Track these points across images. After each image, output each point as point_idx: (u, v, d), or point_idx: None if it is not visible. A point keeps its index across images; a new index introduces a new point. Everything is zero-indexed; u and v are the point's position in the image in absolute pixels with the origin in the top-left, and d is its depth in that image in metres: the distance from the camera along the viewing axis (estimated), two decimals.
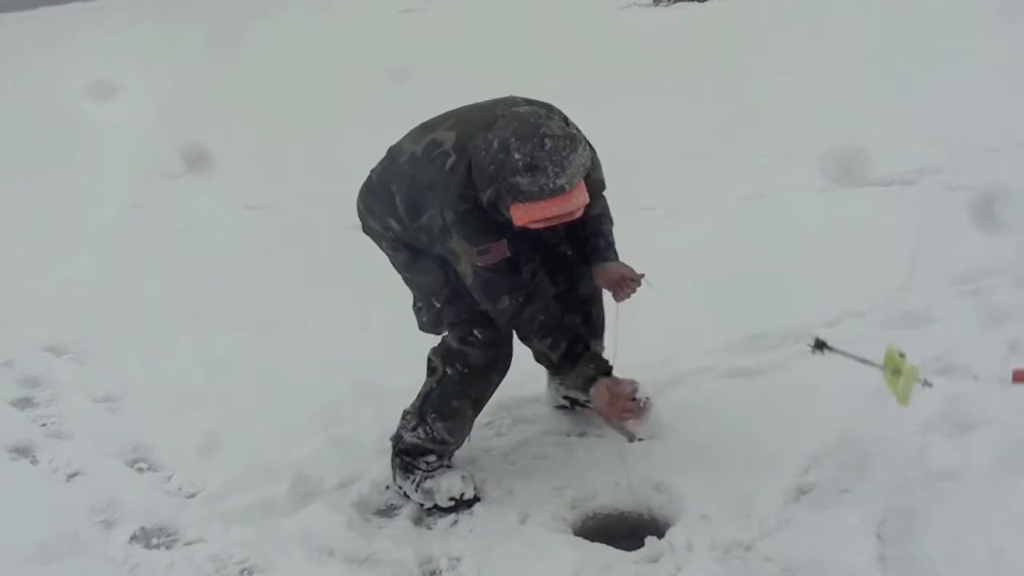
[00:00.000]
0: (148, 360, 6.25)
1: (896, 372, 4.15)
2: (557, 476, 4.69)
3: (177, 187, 9.46)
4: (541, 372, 5.09)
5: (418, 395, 4.71)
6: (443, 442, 4.66)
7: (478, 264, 4.18)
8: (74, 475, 5.26)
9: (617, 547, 4.20)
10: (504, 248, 4.15)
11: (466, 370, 4.55)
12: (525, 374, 5.08)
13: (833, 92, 8.91)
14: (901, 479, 4.20)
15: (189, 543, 4.63)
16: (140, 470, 5.27)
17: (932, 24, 10.44)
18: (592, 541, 4.28)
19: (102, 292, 7.30)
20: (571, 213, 3.98)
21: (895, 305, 5.58)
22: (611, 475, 4.54)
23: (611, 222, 4.57)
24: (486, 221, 4.12)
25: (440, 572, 4.25)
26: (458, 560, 4.27)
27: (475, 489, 4.66)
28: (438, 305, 4.59)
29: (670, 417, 4.88)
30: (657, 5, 14.56)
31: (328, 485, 4.83)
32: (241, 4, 16.65)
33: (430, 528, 4.54)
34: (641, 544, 4.16)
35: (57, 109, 11.77)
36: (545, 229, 4.13)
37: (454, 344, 4.57)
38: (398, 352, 5.71)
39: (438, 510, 4.64)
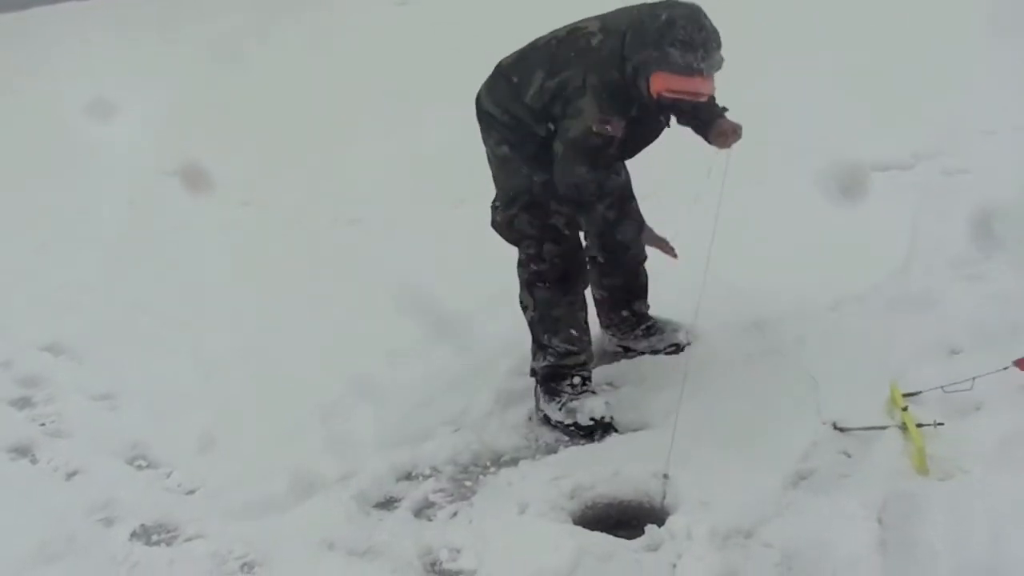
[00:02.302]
0: (146, 358, 6.22)
1: (904, 428, 4.21)
2: (556, 466, 4.70)
3: (173, 185, 9.43)
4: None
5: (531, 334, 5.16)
6: (568, 353, 5.05)
7: (593, 128, 4.60)
8: (73, 474, 5.25)
9: (617, 536, 4.19)
10: (621, 128, 4.63)
11: (547, 284, 5.01)
12: (522, 359, 5.10)
13: (829, 78, 8.88)
14: (901, 464, 4.18)
15: (189, 539, 4.62)
16: (139, 468, 5.26)
17: (928, 15, 10.40)
18: (592, 530, 4.27)
19: (99, 291, 7.27)
20: (696, 95, 4.56)
21: (895, 289, 5.57)
22: (610, 464, 4.55)
23: None
24: (621, 99, 4.61)
25: (440, 563, 4.24)
26: (458, 551, 4.26)
27: (613, 420, 4.98)
28: (514, 211, 4.98)
29: (669, 404, 4.87)
30: None
31: (327, 479, 4.82)
32: (237, 2, 16.60)
33: (430, 520, 4.54)
34: (641, 532, 4.15)
35: (53, 110, 11.72)
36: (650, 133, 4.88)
37: (530, 267, 5.03)
38: (396, 348, 5.73)
39: (577, 429, 4.94)
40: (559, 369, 5.05)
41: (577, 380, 5.05)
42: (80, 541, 4.66)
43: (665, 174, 5.86)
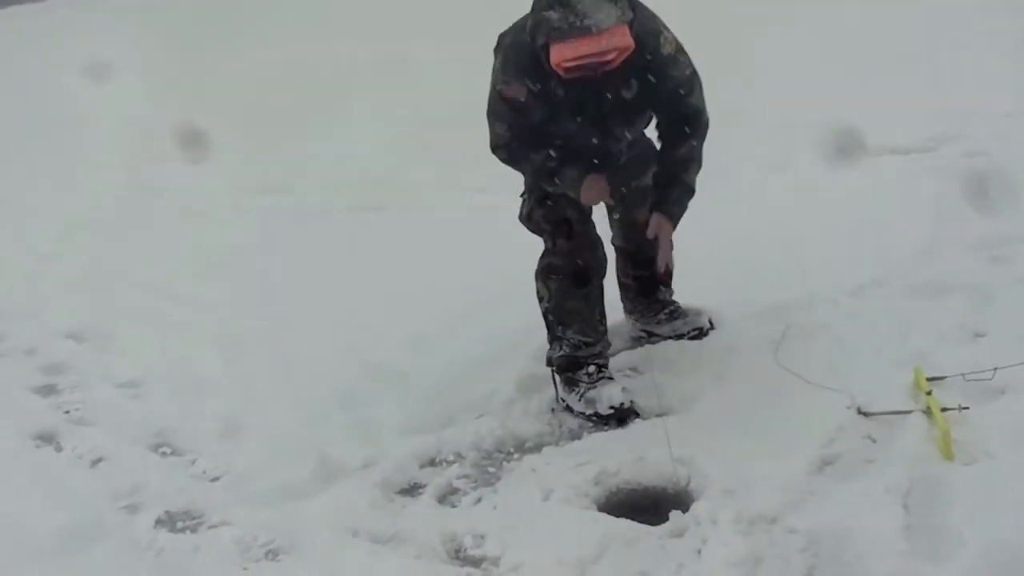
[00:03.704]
0: (169, 345, 6.25)
1: (928, 412, 4.19)
2: (579, 452, 4.70)
3: (194, 173, 9.45)
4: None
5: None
6: (583, 344, 5.01)
7: (496, 88, 4.59)
8: (98, 461, 5.26)
9: (641, 522, 4.18)
10: (520, 92, 4.49)
11: (560, 276, 4.95)
12: (543, 345, 5.09)
13: (849, 61, 8.86)
14: (926, 449, 4.17)
15: (214, 526, 4.63)
16: (164, 454, 5.29)
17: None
18: (616, 516, 4.26)
19: (122, 278, 7.30)
20: (601, 54, 4.20)
21: (916, 274, 5.55)
22: (634, 450, 4.55)
23: (694, 166, 4.83)
24: (522, 64, 4.46)
25: (465, 550, 4.24)
26: (483, 538, 4.26)
27: (633, 404, 4.91)
28: (531, 204, 4.93)
29: (692, 390, 4.88)
30: None
31: (351, 466, 4.83)
32: None
33: (454, 506, 4.54)
34: (665, 519, 4.14)
35: (68, 97, 11.76)
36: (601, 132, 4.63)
37: (545, 259, 4.99)
38: (415, 332, 5.74)
39: (598, 418, 4.91)
40: (574, 359, 5.03)
41: (592, 368, 5.01)
42: (105, 528, 4.67)
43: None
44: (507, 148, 4.67)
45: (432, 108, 9.37)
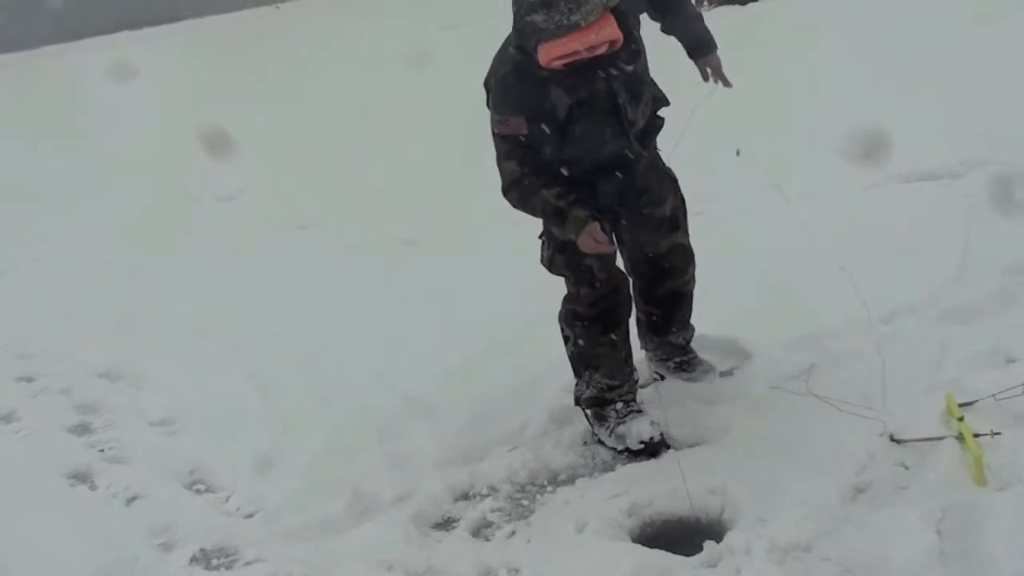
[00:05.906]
0: (202, 382, 6.27)
1: (960, 438, 4.18)
2: (613, 483, 4.70)
3: (228, 209, 9.50)
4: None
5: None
6: (611, 387, 4.96)
7: (495, 131, 4.48)
8: (133, 499, 5.29)
9: (676, 553, 4.18)
10: (522, 125, 4.40)
11: (585, 323, 4.89)
12: (572, 380, 5.09)
13: (878, 87, 8.84)
14: (959, 475, 4.16)
15: (249, 563, 4.65)
16: (198, 492, 5.31)
17: (971, 23, 10.32)
18: (651, 547, 4.27)
19: (154, 316, 7.33)
20: (591, 48, 4.17)
21: (948, 300, 5.53)
22: (667, 481, 4.54)
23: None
24: (517, 92, 4.39)
25: None
26: (517, 571, 4.27)
27: (663, 436, 4.88)
28: (551, 250, 4.83)
29: (724, 419, 4.87)
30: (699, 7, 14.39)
31: (385, 500, 4.85)
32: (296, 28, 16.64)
33: (488, 540, 4.55)
34: (700, 549, 4.14)
35: (100, 136, 11.83)
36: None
37: (569, 304, 4.92)
38: (447, 365, 5.74)
39: (629, 453, 4.88)
40: (602, 400, 5.00)
41: (620, 405, 4.98)
42: (140, 566, 4.71)
43: (718, 189, 5.84)
44: (518, 186, 4.51)
45: (465, 142, 9.40)
